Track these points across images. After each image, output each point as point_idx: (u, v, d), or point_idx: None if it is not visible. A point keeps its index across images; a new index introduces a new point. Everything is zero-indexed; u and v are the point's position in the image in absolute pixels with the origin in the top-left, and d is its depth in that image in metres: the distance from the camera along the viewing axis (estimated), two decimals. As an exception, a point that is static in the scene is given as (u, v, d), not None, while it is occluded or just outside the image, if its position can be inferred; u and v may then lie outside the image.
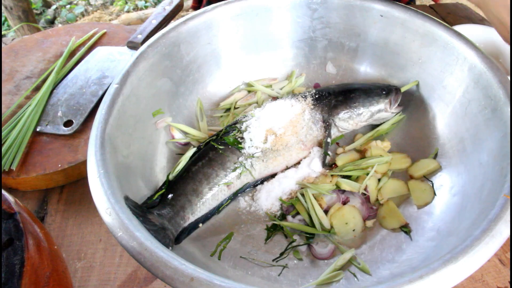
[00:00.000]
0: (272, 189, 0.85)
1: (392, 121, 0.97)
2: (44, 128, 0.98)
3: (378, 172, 0.87)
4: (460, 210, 0.76)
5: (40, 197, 0.93)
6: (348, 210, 0.81)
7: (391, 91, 0.95)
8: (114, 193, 0.66)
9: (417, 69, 0.98)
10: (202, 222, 0.82)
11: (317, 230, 0.79)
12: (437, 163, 0.88)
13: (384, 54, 1.03)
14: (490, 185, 0.71)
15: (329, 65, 1.09)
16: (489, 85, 0.81)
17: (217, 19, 0.99)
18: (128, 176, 0.77)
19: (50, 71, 1.15)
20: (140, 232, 0.61)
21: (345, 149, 0.93)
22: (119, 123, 0.78)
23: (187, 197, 0.81)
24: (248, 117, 0.91)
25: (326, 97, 0.94)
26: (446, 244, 0.70)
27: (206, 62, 1.02)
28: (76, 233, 0.87)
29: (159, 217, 0.76)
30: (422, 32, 0.95)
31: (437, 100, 0.95)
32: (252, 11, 1.02)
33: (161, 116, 0.92)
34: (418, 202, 0.84)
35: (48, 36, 1.30)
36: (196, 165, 0.85)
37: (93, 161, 0.69)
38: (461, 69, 0.88)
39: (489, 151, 0.77)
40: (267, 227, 0.82)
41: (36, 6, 4.18)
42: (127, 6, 4.23)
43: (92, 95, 1.05)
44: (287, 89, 1.05)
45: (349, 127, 0.94)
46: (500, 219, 0.60)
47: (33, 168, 0.91)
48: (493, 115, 0.79)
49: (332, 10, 1.03)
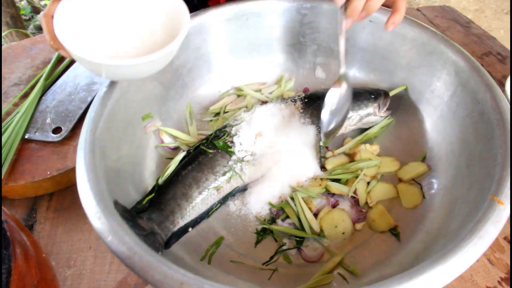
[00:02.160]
0: (261, 193, 0.85)
1: (381, 125, 0.97)
2: (32, 135, 0.98)
3: (367, 176, 0.87)
4: (449, 212, 0.77)
5: (29, 204, 0.92)
6: (337, 214, 0.81)
7: (380, 95, 0.95)
8: (103, 197, 0.65)
9: (406, 74, 0.99)
10: (192, 227, 0.82)
11: (307, 234, 0.79)
12: (426, 166, 0.89)
13: (373, 59, 1.04)
14: (477, 187, 0.72)
15: (318, 69, 1.10)
16: (476, 89, 0.82)
17: (208, 24, 0.99)
18: (117, 181, 0.77)
19: (38, 78, 1.14)
20: (130, 236, 0.61)
21: (334, 153, 0.94)
22: (108, 127, 0.78)
23: (177, 201, 0.81)
24: (238, 121, 0.91)
25: (316, 101, 0.95)
26: (435, 245, 0.70)
27: (196, 66, 1.02)
28: (65, 241, 0.86)
29: (149, 221, 0.76)
30: (410, 37, 0.96)
31: (426, 103, 0.96)
32: (242, 16, 1.02)
33: (150, 120, 0.92)
34: (407, 205, 0.84)
35: (36, 43, 1.30)
36: (186, 169, 0.84)
37: (82, 166, 0.69)
38: (449, 73, 0.89)
39: (476, 154, 0.78)
40: (257, 230, 0.82)
41: (25, 12, 4.16)
42: (116, 13, 4.22)
43: (81, 101, 1.05)
44: (276, 94, 1.06)
45: None
46: (488, 220, 0.60)
47: (22, 176, 0.90)
48: (480, 119, 0.80)
49: (322, 15, 1.03)
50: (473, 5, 4.22)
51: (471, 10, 4.14)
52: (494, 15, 4.04)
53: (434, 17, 1.33)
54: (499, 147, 0.71)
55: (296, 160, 0.88)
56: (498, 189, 0.64)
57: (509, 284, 0.78)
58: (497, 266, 0.81)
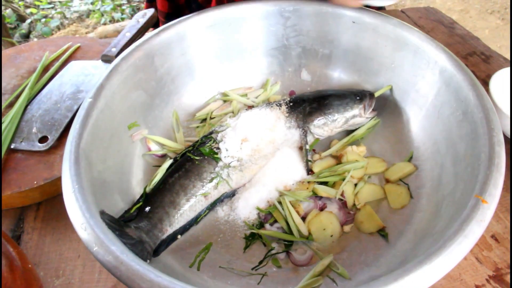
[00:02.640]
0: (249, 198, 0.85)
1: (367, 126, 0.98)
2: (18, 145, 0.97)
3: (354, 177, 0.88)
4: (436, 212, 0.77)
5: (16, 215, 0.92)
6: (325, 216, 0.81)
7: (365, 96, 0.96)
8: (89, 208, 0.65)
9: (390, 74, 1.00)
10: (181, 234, 0.82)
11: (295, 237, 0.80)
12: (413, 165, 0.89)
13: (357, 59, 1.05)
14: (463, 186, 0.72)
15: (303, 72, 1.10)
16: (460, 87, 0.83)
17: (190, 30, 0.99)
18: (104, 190, 0.77)
19: (23, 87, 1.14)
20: (116, 246, 0.61)
21: (321, 156, 0.94)
22: (93, 137, 0.77)
23: (165, 209, 0.81)
24: (224, 127, 0.91)
25: (301, 104, 0.95)
26: (423, 245, 0.70)
27: (181, 73, 1.02)
28: (54, 250, 0.85)
29: (137, 230, 0.75)
30: (393, 37, 0.96)
31: (411, 103, 0.96)
32: (225, 21, 1.02)
33: (137, 129, 0.92)
34: (395, 205, 0.85)
35: (21, 52, 1.29)
36: (173, 177, 0.84)
37: (68, 177, 0.68)
38: (433, 72, 0.90)
39: (461, 153, 0.78)
40: (246, 235, 0.82)
41: (10, 20, 4.13)
42: (103, 19, 4.21)
43: (67, 110, 1.04)
44: (262, 98, 1.06)
45: (324, 134, 0.95)
46: (472, 219, 0.61)
47: (8, 186, 0.89)
48: (464, 117, 0.80)
49: (305, 18, 1.04)
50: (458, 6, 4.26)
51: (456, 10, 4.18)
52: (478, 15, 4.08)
53: (418, 18, 1.34)
54: (483, 146, 0.72)
55: (283, 164, 0.88)
56: (482, 188, 0.65)
57: (496, 281, 0.79)
58: (485, 264, 0.82)
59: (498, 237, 0.86)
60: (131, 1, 4.44)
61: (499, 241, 0.85)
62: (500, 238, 0.86)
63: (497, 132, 0.73)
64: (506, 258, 0.82)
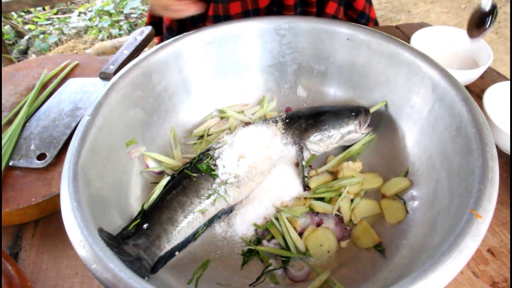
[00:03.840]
0: (246, 214, 0.86)
1: (362, 142, 0.99)
2: (17, 162, 0.97)
3: (350, 193, 0.88)
4: (431, 227, 0.78)
5: (14, 232, 0.92)
6: (322, 232, 0.82)
7: (360, 112, 0.97)
8: (87, 225, 0.65)
9: (385, 90, 1.01)
10: (179, 250, 0.83)
11: (293, 253, 0.80)
12: (408, 181, 0.90)
13: (352, 76, 1.06)
14: (458, 201, 0.73)
15: (299, 88, 1.11)
16: (453, 103, 0.84)
17: (187, 48, 1.01)
18: (102, 208, 0.77)
19: (22, 104, 1.14)
20: (114, 263, 0.61)
21: (317, 171, 0.95)
22: (92, 155, 0.78)
23: (163, 226, 0.81)
24: (221, 144, 0.92)
25: (297, 121, 0.96)
26: (419, 261, 0.71)
27: (178, 91, 1.03)
28: (51, 268, 0.85)
29: (135, 247, 0.76)
30: (387, 53, 0.98)
31: (406, 119, 0.97)
32: (222, 39, 1.04)
33: (134, 146, 0.92)
34: (391, 220, 0.85)
35: (19, 69, 1.30)
36: (171, 194, 0.85)
37: (66, 194, 0.69)
38: (426, 88, 0.91)
39: (456, 168, 0.79)
40: (243, 252, 0.82)
41: (9, 36, 4.16)
42: (101, 35, 4.24)
43: (65, 127, 1.05)
44: (259, 114, 1.07)
45: (320, 150, 0.96)
46: (467, 234, 0.62)
47: (6, 204, 0.90)
48: (458, 132, 0.81)
49: (300, 35, 1.06)
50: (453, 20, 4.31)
51: (450, 24, 4.22)
52: (473, 29, 4.11)
53: (412, 34, 1.35)
54: (477, 161, 0.72)
55: (279, 181, 0.89)
56: (476, 203, 0.66)
57: (492, 295, 0.79)
58: (482, 278, 0.82)
59: (494, 251, 0.86)
60: (128, 18, 4.47)
61: (495, 255, 0.86)
62: (496, 252, 0.86)
63: (490, 147, 0.73)
64: (503, 272, 0.82)
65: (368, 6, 1.46)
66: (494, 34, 4.10)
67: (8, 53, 3.64)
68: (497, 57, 3.76)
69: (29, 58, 4.01)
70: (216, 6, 1.28)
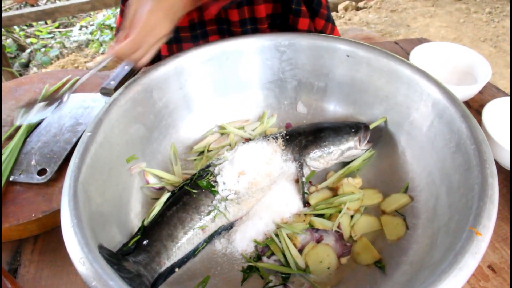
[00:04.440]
0: (247, 231, 0.85)
1: (362, 158, 0.99)
2: (17, 177, 0.98)
3: (350, 209, 0.88)
4: (431, 243, 0.77)
5: (13, 247, 0.92)
6: (322, 249, 0.82)
7: (360, 128, 0.97)
8: (87, 242, 0.66)
9: (385, 106, 1.01)
10: (178, 267, 0.82)
11: (293, 270, 0.80)
12: (408, 197, 0.90)
13: (352, 92, 1.07)
14: (457, 218, 0.73)
15: (299, 105, 1.12)
16: (452, 119, 0.84)
17: (188, 64, 1.01)
18: (102, 224, 0.77)
19: (23, 120, 1.15)
20: (114, 281, 0.61)
21: (317, 188, 0.95)
22: (92, 171, 0.78)
23: (163, 242, 0.81)
24: (221, 160, 0.92)
25: (297, 137, 0.97)
26: (420, 278, 0.71)
27: (179, 107, 1.04)
28: (51, 284, 0.85)
29: (135, 264, 0.76)
30: (386, 70, 0.98)
31: (405, 135, 0.98)
32: (222, 55, 1.05)
33: (135, 162, 0.93)
34: (391, 237, 0.85)
35: (21, 84, 1.30)
36: (171, 210, 0.85)
37: (67, 211, 0.69)
38: (426, 104, 0.92)
39: (455, 184, 0.79)
40: (243, 268, 0.82)
41: (11, 50, 4.18)
42: (102, 48, 4.27)
43: (66, 142, 1.05)
44: (259, 130, 1.08)
45: (320, 166, 0.96)
46: (466, 251, 0.62)
47: (6, 219, 0.90)
48: (457, 149, 0.81)
49: (300, 52, 1.06)
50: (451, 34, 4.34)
51: (449, 38, 4.26)
52: (471, 43, 4.15)
53: (412, 49, 1.36)
54: (476, 178, 0.73)
55: (280, 197, 0.89)
56: (476, 220, 0.66)
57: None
58: (482, 295, 0.82)
59: (495, 267, 0.86)
60: (129, 31, 4.50)
61: (496, 271, 0.85)
62: (497, 268, 0.86)
63: (489, 163, 0.74)
64: (503, 289, 0.82)
65: (331, 26, 1.40)
66: (493, 48, 4.12)
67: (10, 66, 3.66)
68: (496, 70, 3.79)
69: (30, 71, 4.04)
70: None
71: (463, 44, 4.11)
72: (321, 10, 1.35)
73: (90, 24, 4.66)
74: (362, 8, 5.18)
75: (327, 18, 1.37)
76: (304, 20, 1.30)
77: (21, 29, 4.50)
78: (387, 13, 4.95)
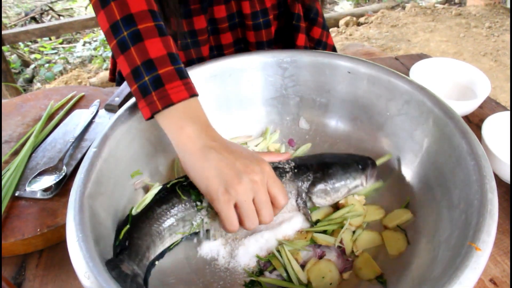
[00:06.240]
0: (249, 245, 0.86)
1: (371, 188, 0.98)
2: (23, 192, 0.99)
3: (352, 225, 0.89)
4: (432, 258, 0.78)
5: (18, 262, 0.92)
6: (324, 265, 0.82)
7: (367, 165, 0.96)
8: (92, 256, 0.66)
9: (386, 121, 1.03)
10: (158, 260, 0.84)
11: (295, 285, 0.80)
12: (409, 212, 0.91)
13: (353, 108, 1.08)
14: (457, 233, 0.73)
15: (302, 120, 1.13)
16: (453, 135, 0.85)
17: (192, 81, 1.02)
18: (107, 238, 0.78)
19: (28, 135, 1.17)
20: (119, 294, 0.62)
21: (321, 205, 0.95)
22: (98, 186, 0.79)
23: (152, 237, 0.82)
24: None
25: (305, 172, 0.94)
26: (421, 292, 0.71)
27: (182, 123, 1.04)
28: (55, 298, 0.86)
29: (129, 263, 0.76)
30: (387, 86, 1.00)
31: (407, 151, 0.98)
32: (225, 72, 1.06)
33: (139, 177, 0.94)
34: (392, 252, 0.86)
35: (27, 100, 1.32)
36: (161, 208, 0.85)
37: (72, 226, 0.70)
38: (426, 120, 0.93)
39: (456, 200, 0.80)
40: (245, 283, 0.83)
41: (15, 65, 4.23)
42: (105, 64, 4.30)
43: (71, 158, 1.07)
44: (262, 146, 1.09)
45: (325, 204, 0.95)
46: (466, 267, 0.62)
47: (12, 234, 0.91)
48: (457, 164, 0.82)
49: (302, 69, 1.08)
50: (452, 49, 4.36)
51: (450, 53, 4.28)
52: (472, 57, 4.18)
53: (412, 65, 1.38)
54: (476, 193, 0.73)
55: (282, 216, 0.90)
56: (475, 235, 0.66)
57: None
58: (484, 309, 0.82)
59: (497, 280, 0.87)
60: (133, 47, 4.53)
61: (498, 285, 0.86)
62: (498, 281, 0.86)
63: (489, 179, 0.74)
64: (505, 303, 0.83)
65: (326, 34, 1.45)
66: (494, 62, 4.15)
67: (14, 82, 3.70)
68: (497, 84, 3.81)
69: (34, 86, 4.07)
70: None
71: (464, 58, 4.14)
72: (318, 19, 1.39)
73: (93, 40, 4.71)
74: (363, 23, 5.23)
75: (323, 26, 1.41)
76: (302, 36, 1.33)
77: (26, 45, 4.55)
78: (387, 28, 4.99)
